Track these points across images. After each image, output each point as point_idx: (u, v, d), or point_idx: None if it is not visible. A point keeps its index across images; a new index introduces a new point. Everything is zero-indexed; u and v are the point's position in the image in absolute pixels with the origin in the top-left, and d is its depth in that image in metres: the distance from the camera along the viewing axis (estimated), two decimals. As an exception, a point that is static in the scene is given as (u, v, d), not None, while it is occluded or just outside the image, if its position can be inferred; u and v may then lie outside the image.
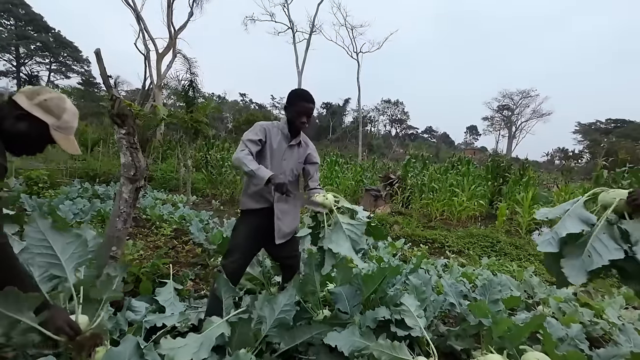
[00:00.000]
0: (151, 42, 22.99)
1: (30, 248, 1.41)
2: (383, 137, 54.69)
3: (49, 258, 1.43)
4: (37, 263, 1.41)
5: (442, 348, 2.09)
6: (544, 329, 1.87)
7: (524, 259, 5.33)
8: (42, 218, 1.47)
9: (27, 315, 1.08)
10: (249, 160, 1.91)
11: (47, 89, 1.34)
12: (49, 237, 1.44)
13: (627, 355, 1.58)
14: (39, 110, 1.26)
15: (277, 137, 2.10)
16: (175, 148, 12.89)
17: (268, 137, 2.07)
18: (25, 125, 1.24)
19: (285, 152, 2.11)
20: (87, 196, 5.78)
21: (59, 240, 1.47)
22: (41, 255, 1.42)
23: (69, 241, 1.49)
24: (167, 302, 2.12)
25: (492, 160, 11.36)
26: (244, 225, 2.12)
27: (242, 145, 2.01)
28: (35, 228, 1.43)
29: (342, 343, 1.67)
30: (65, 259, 1.46)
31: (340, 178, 11.65)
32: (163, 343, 1.40)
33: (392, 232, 6.57)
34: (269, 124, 2.14)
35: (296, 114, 2.04)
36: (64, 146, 1.32)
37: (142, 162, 2.29)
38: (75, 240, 1.50)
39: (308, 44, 28.69)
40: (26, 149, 1.32)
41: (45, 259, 1.42)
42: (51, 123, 1.28)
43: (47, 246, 1.43)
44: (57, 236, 1.47)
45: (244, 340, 1.67)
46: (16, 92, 1.29)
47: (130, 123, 2.18)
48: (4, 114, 1.22)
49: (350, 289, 2.16)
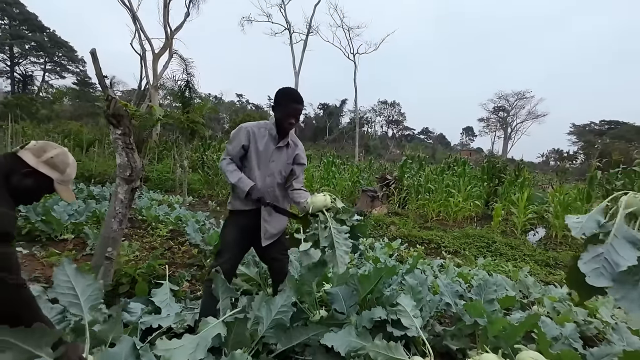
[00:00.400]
0: (147, 42, 22.91)
1: (56, 288, 1.61)
2: (380, 138, 54.81)
3: (71, 298, 1.61)
4: (60, 301, 1.60)
5: (438, 348, 2.10)
6: (538, 329, 1.89)
7: (519, 259, 5.37)
8: (69, 263, 1.69)
9: (45, 350, 1.14)
10: (230, 171, 1.97)
11: (52, 145, 1.40)
12: (73, 280, 1.65)
13: (620, 354, 1.60)
14: (46, 167, 1.33)
15: (263, 138, 2.04)
16: (172, 149, 12.84)
17: (252, 141, 2.02)
18: (32, 181, 1.31)
19: (273, 153, 2.06)
20: (82, 197, 5.74)
21: (80, 282, 1.65)
22: (64, 295, 1.60)
23: (89, 284, 1.68)
24: (163, 303, 2.11)
25: (488, 161, 11.44)
26: (233, 226, 2.10)
27: (225, 152, 2.02)
28: (62, 271, 1.65)
29: (339, 343, 1.67)
30: (83, 299, 1.62)
31: (337, 179, 11.67)
32: (159, 344, 1.39)
33: (388, 232, 6.58)
34: (253, 126, 2.07)
35: (285, 115, 1.99)
36: (64, 196, 1.40)
37: (138, 162, 2.29)
38: (93, 284, 1.69)
39: (305, 44, 28.73)
40: (28, 201, 1.39)
41: (68, 299, 1.61)
42: (56, 178, 1.35)
43: (70, 287, 1.63)
44: (79, 278, 1.67)
45: (241, 340, 1.67)
46: (20, 149, 1.34)
47: (126, 123, 2.17)
48: (11, 170, 1.28)
49: (347, 289, 2.17)
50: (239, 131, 2.04)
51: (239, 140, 2.01)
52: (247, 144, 2.02)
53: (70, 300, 1.61)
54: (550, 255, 5.56)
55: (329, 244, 1.85)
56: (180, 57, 11.24)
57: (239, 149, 2.00)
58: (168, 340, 1.44)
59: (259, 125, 2.08)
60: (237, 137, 2.02)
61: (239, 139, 2.01)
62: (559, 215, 7.35)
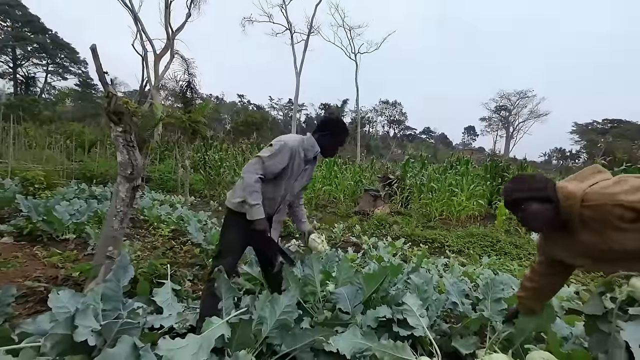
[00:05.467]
0: (149, 43, 22.95)
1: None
2: (381, 138, 54.74)
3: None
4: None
5: (444, 348, 2.05)
6: (549, 328, 1.84)
7: (524, 258, 5.31)
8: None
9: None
10: (254, 191, 1.83)
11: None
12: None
13: (634, 354, 1.55)
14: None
15: (300, 159, 1.97)
16: (173, 149, 12.84)
17: (291, 163, 1.95)
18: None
19: (301, 173, 2.05)
20: (84, 197, 5.72)
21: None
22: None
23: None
24: (164, 302, 2.07)
25: (491, 160, 11.37)
26: (236, 227, 2.02)
27: (259, 164, 1.85)
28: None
29: (344, 345, 1.63)
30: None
31: (340, 178, 11.63)
32: (161, 344, 1.35)
33: (391, 232, 6.54)
34: (297, 144, 1.96)
35: (333, 144, 2.04)
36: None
37: (140, 160, 2.26)
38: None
39: (306, 45, 28.67)
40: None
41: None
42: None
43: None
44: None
45: (244, 341, 1.63)
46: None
47: (127, 120, 2.14)
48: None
49: (352, 288, 2.13)
50: (283, 149, 1.90)
51: (283, 161, 1.90)
52: (287, 166, 1.94)
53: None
54: (555, 254, 5.49)
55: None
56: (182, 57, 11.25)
57: (279, 169, 1.91)
58: (170, 340, 1.40)
59: (301, 144, 1.98)
60: (281, 155, 1.90)
61: (283, 159, 1.90)
62: (564, 214, 7.27)
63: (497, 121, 54.12)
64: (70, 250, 3.58)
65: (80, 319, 1.17)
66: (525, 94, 47.57)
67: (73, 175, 9.90)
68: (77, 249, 3.71)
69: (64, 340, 1.17)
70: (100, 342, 1.26)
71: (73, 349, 1.20)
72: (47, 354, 1.18)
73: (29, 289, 2.43)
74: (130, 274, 1.44)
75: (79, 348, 1.19)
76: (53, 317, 1.44)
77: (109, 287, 1.43)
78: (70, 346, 1.18)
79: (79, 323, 1.17)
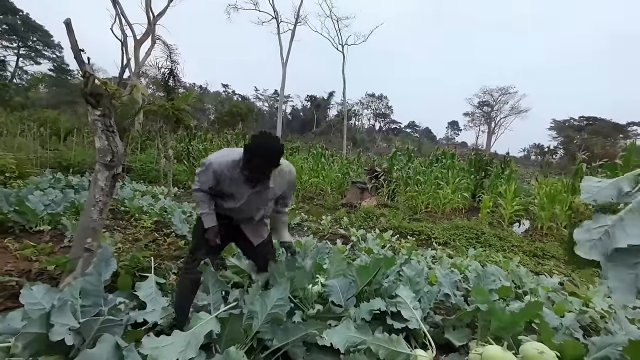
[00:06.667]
0: (128, 27, 21.95)
1: None
2: (367, 131, 54.91)
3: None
4: None
5: (437, 340, 2.04)
6: (541, 318, 1.85)
7: (508, 249, 5.43)
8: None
9: None
10: (198, 201, 1.91)
11: None
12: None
13: (624, 343, 1.57)
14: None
15: (230, 180, 1.80)
16: (155, 138, 12.42)
17: (223, 182, 1.81)
18: None
19: (249, 196, 1.88)
20: (59, 187, 5.44)
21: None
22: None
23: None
24: (148, 297, 1.97)
25: (476, 154, 11.57)
26: (200, 227, 1.96)
27: (197, 180, 1.87)
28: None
29: (338, 339, 1.58)
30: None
31: (327, 170, 11.57)
32: (145, 342, 1.26)
33: (378, 224, 6.55)
34: (221, 167, 1.77)
35: (251, 170, 1.71)
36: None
37: (120, 147, 2.11)
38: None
39: (293, 34, 28.18)
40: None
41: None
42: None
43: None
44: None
45: (235, 337, 1.56)
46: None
47: (106, 103, 1.99)
48: None
49: (345, 281, 2.09)
50: (206, 170, 1.80)
51: (207, 181, 1.81)
52: (215, 185, 1.83)
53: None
54: (537, 246, 5.65)
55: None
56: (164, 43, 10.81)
57: (210, 186, 1.83)
58: (156, 338, 1.31)
59: (228, 166, 1.77)
60: (204, 175, 1.82)
61: (207, 179, 1.81)
62: (545, 207, 7.48)
63: (480, 116, 55.20)
64: (45, 242, 3.38)
65: (56, 316, 1.07)
66: (507, 90, 48.67)
67: (48, 164, 9.42)
68: (53, 241, 3.51)
69: (38, 339, 1.06)
70: (79, 341, 1.16)
71: (48, 349, 1.09)
72: (19, 354, 1.06)
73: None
74: (113, 267, 1.33)
75: (54, 348, 1.09)
76: (26, 315, 1.32)
77: (89, 281, 1.32)
78: (45, 346, 1.08)
79: (55, 321, 1.06)
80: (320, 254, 2.78)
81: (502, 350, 1.60)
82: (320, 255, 2.75)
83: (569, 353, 1.66)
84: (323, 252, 2.83)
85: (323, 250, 2.86)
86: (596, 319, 2.36)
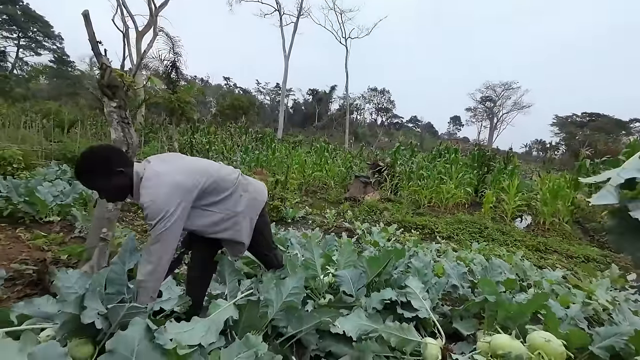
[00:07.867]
0: (130, 18, 21.75)
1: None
2: (369, 125, 54.74)
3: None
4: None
5: (445, 329, 2.09)
6: (547, 309, 1.89)
7: (511, 244, 5.48)
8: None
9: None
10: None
11: None
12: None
13: (630, 333, 1.62)
14: None
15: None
16: (158, 131, 12.44)
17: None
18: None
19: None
20: (66, 178, 5.48)
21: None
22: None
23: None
24: (164, 286, 2.02)
25: (479, 149, 11.57)
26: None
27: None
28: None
29: (350, 327, 1.63)
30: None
31: (330, 164, 11.59)
32: (168, 327, 1.31)
33: (382, 218, 6.60)
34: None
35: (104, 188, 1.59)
36: None
37: (135, 138, 2.15)
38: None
39: (295, 27, 28.00)
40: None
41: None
42: None
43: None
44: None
45: (252, 323, 1.60)
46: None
47: (122, 95, 2.02)
48: None
49: (355, 271, 2.13)
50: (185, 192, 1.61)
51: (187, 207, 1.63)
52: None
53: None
54: (540, 241, 5.70)
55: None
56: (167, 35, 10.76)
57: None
58: (177, 323, 1.36)
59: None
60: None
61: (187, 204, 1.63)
62: (548, 202, 7.52)
63: (482, 112, 54.96)
64: (56, 232, 3.43)
65: (89, 300, 1.11)
66: (510, 86, 48.39)
67: (52, 156, 9.45)
68: (63, 231, 3.56)
69: (71, 320, 1.11)
70: (106, 325, 1.20)
71: (78, 331, 1.14)
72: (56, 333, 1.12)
73: (15, 272, 2.31)
74: (137, 257, 1.37)
75: (85, 331, 1.14)
76: (61, 298, 1.33)
77: (114, 270, 1.36)
78: (77, 327, 1.12)
79: (87, 304, 1.11)
80: (329, 245, 2.83)
81: (510, 339, 1.65)
82: (329, 247, 2.79)
83: (574, 342, 1.70)
84: (332, 244, 2.87)
85: (331, 242, 2.90)
86: (599, 311, 2.42)
